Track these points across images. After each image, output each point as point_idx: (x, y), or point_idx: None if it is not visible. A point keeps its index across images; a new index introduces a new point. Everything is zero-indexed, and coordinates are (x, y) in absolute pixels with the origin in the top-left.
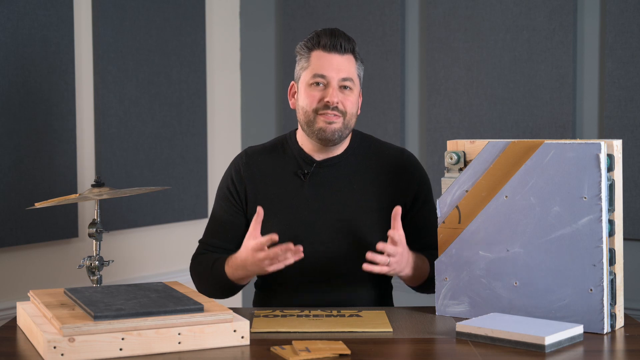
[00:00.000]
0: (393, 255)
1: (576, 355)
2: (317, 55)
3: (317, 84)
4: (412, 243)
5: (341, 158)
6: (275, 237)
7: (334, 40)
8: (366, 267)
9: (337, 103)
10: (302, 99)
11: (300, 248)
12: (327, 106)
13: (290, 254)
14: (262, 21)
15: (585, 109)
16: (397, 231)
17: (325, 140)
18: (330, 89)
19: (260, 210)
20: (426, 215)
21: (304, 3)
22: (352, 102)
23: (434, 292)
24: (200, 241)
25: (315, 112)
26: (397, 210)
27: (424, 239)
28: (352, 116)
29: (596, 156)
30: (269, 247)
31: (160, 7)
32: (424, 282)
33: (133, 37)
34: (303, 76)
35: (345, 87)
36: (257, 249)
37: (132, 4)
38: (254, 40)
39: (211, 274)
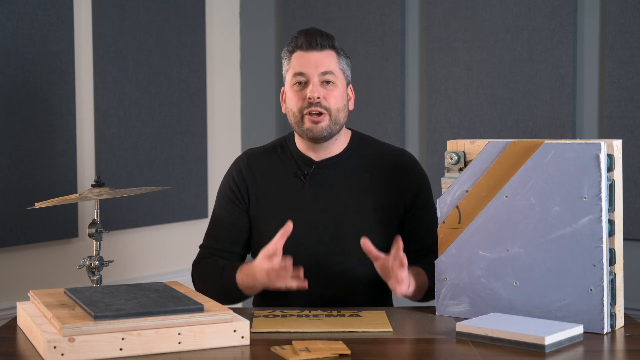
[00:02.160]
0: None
1: (576, 355)
2: (297, 56)
3: (299, 83)
4: (409, 245)
5: (340, 158)
6: (290, 261)
7: (309, 38)
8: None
9: (319, 98)
10: (289, 101)
11: (304, 281)
12: (310, 103)
13: (292, 278)
14: (262, 21)
15: (585, 109)
16: (401, 255)
17: (315, 139)
18: (310, 85)
19: (289, 225)
20: (424, 217)
21: (304, 3)
22: (336, 96)
23: (433, 298)
24: (201, 246)
25: (301, 112)
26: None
27: (421, 241)
28: (339, 111)
29: (596, 156)
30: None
31: (160, 7)
32: (425, 294)
33: (133, 37)
34: (287, 78)
35: (327, 82)
36: (265, 257)
37: (132, 4)
38: (254, 40)
39: (220, 280)
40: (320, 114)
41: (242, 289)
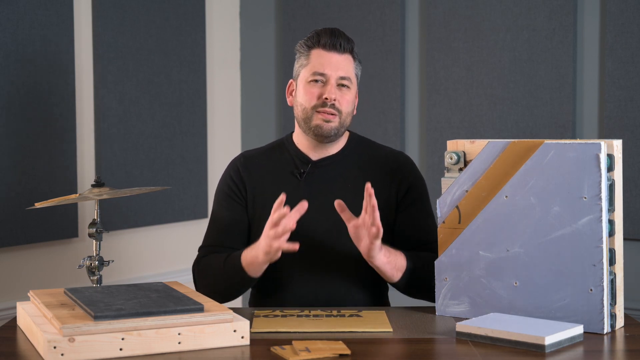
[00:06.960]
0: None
1: (576, 355)
2: (317, 54)
3: (316, 81)
4: (397, 243)
5: (336, 158)
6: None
7: (333, 39)
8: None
9: (335, 100)
10: (301, 96)
11: (295, 244)
12: (324, 103)
13: (287, 220)
14: (262, 21)
15: (585, 109)
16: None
17: (321, 137)
18: (328, 86)
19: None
20: (415, 216)
21: (304, 3)
22: (348, 101)
23: (430, 299)
24: (201, 247)
25: (314, 108)
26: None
27: (411, 241)
28: (348, 115)
29: (596, 156)
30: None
31: (160, 7)
32: (417, 285)
33: (133, 37)
34: (302, 73)
35: (343, 85)
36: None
37: (132, 4)
38: (254, 40)
39: (224, 265)
40: (332, 114)
41: (245, 264)
